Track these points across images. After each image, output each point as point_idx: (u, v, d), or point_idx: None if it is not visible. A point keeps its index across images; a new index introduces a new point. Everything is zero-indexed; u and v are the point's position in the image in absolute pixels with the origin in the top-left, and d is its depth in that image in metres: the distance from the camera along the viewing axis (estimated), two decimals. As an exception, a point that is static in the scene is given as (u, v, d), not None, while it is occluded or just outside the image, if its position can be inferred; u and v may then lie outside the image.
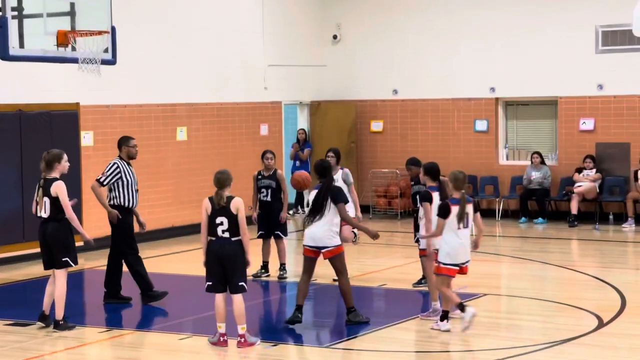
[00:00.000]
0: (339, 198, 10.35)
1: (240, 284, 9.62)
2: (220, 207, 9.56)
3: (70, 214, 10.28)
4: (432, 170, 10.71)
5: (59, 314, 10.36)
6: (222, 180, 9.65)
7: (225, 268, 9.56)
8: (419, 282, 12.50)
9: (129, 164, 11.87)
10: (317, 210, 10.39)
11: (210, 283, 9.62)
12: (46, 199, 10.28)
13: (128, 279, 11.81)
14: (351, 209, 12.21)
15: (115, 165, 11.73)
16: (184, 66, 17.67)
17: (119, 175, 11.64)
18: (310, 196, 10.65)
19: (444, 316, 10.23)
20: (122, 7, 14.74)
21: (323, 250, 10.49)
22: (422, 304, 11.83)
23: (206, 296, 11.77)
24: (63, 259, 10.34)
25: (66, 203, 10.26)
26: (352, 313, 10.52)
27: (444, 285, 10.21)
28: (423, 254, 11.03)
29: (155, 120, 17.17)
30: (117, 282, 11.80)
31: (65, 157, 10.54)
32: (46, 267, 10.52)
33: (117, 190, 11.71)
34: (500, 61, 19.50)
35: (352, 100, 20.81)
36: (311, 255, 10.59)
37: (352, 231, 12.50)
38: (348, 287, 10.53)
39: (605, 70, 18.70)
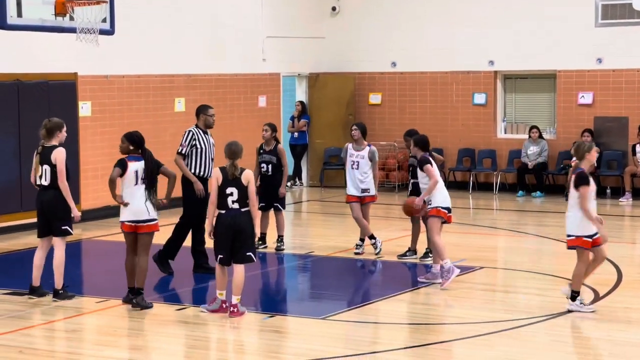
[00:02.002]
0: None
1: (248, 254, 9.66)
2: (232, 178, 9.57)
3: (63, 182, 10.24)
4: (422, 142, 11.40)
5: (58, 282, 10.38)
6: (236, 151, 9.67)
7: (234, 239, 9.59)
8: (404, 255, 12.61)
9: (205, 132, 11.81)
10: None
11: (222, 256, 9.66)
12: (46, 167, 10.26)
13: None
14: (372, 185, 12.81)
15: (191, 134, 11.65)
16: (182, 37, 17.61)
17: (195, 143, 11.58)
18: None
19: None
20: (121, -23, 14.67)
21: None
22: (419, 276, 11.88)
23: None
24: (62, 227, 10.33)
25: (62, 171, 10.24)
26: None
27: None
28: (435, 213, 11.15)
29: (153, 91, 17.14)
30: (174, 250, 11.75)
31: (64, 127, 10.52)
32: (41, 235, 10.46)
33: (191, 158, 11.65)
34: (499, 34, 19.44)
35: (351, 72, 20.77)
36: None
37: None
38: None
39: (604, 44, 18.66)
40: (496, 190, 19.37)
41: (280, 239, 13.33)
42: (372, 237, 12.95)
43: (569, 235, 9.91)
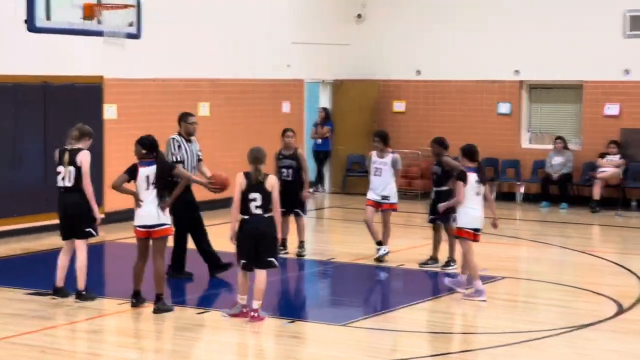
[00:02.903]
0: None
1: (270, 259, 9.68)
2: (256, 183, 9.59)
3: (88, 184, 10.30)
4: (470, 151, 10.92)
5: (81, 284, 10.43)
6: (259, 157, 9.68)
7: (257, 245, 9.60)
8: (425, 263, 12.59)
9: (188, 140, 11.85)
10: None
11: (245, 261, 9.68)
12: (72, 169, 10.31)
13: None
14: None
15: (176, 141, 11.68)
16: (207, 42, 17.67)
17: (179, 147, 11.59)
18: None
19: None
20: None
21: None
22: (441, 285, 11.85)
23: (227, 271, 11.84)
24: (86, 229, 10.38)
25: (88, 173, 10.30)
26: None
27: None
28: (458, 233, 10.99)
29: (177, 95, 17.20)
30: (181, 260, 11.77)
31: (93, 137, 10.64)
32: (65, 237, 10.52)
33: None
34: (525, 44, 19.38)
35: (375, 79, 20.76)
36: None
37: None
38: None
39: (632, 55, 18.55)
40: (519, 200, 19.29)
41: (301, 244, 13.33)
42: (379, 243, 12.94)
43: None
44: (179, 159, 11.56)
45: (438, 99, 20.27)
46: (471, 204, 10.78)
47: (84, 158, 10.31)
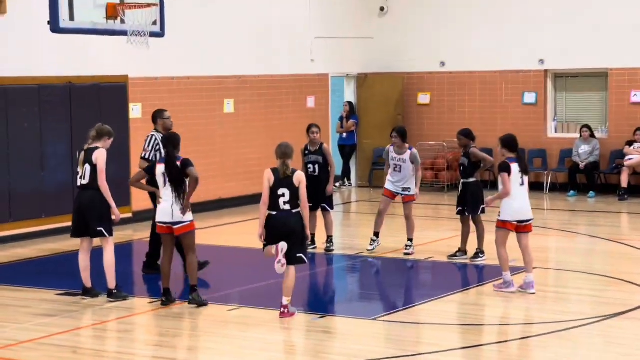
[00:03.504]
0: None
1: (299, 255, 9.68)
2: (283, 179, 9.59)
3: (103, 182, 10.33)
4: (509, 142, 10.81)
5: (111, 283, 10.47)
6: (287, 152, 9.68)
7: (286, 241, 9.60)
8: (454, 255, 12.55)
9: None
10: None
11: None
12: (87, 167, 10.34)
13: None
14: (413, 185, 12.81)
15: (154, 138, 11.62)
16: (231, 38, 17.69)
17: (158, 148, 11.55)
18: None
19: None
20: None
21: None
22: (471, 277, 11.81)
23: (254, 267, 11.87)
24: (97, 229, 10.38)
25: (103, 171, 10.32)
26: None
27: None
28: (501, 226, 10.78)
29: (202, 92, 17.24)
30: (155, 255, 11.83)
31: (113, 137, 10.63)
32: (75, 235, 10.52)
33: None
34: (549, 33, 19.26)
35: (399, 72, 20.70)
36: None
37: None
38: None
39: (657, 42, 18.42)
40: (547, 190, 19.18)
41: (329, 239, 13.32)
42: (376, 234, 12.93)
43: None
44: (145, 157, 11.50)
45: (463, 90, 20.19)
46: (515, 195, 10.65)
47: (100, 156, 10.34)
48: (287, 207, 9.61)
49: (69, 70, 14.97)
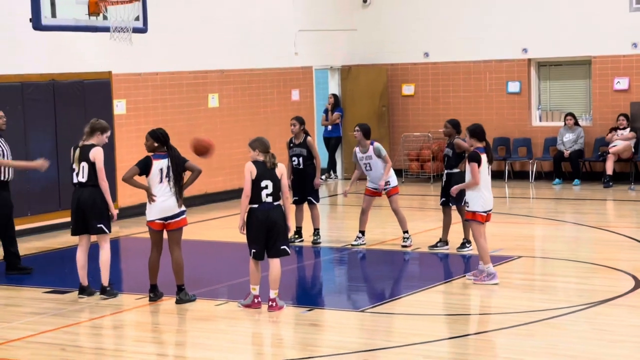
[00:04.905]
0: None
1: (282, 247, 9.70)
2: (267, 171, 9.60)
3: (104, 181, 10.34)
4: (477, 131, 10.80)
5: (105, 279, 10.47)
6: (268, 144, 9.74)
7: (268, 233, 9.62)
8: (435, 245, 12.60)
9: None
10: None
11: (255, 250, 9.70)
12: (84, 164, 10.33)
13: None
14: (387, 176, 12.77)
15: None
16: (214, 33, 17.66)
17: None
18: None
19: None
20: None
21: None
22: (457, 267, 11.85)
23: (240, 262, 11.88)
24: (98, 225, 10.40)
25: (102, 169, 10.32)
26: None
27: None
28: (471, 217, 10.81)
29: (186, 87, 17.22)
30: (15, 255, 11.84)
31: (108, 132, 10.59)
32: (75, 233, 10.51)
33: None
34: (532, 21, 19.31)
35: (383, 64, 20.72)
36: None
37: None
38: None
39: (639, 29, 18.47)
40: (532, 179, 19.25)
41: (316, 232, 13.34)
42: (361, 232, 13.01)
43: None
44: None
45: (447, 80, 20.22)
46: (485, 186, 10.69)
47: (97, 154, 10.34)
48: (270, 199, 9.63)
49: (52, 67, 14.92)
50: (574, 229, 14.38)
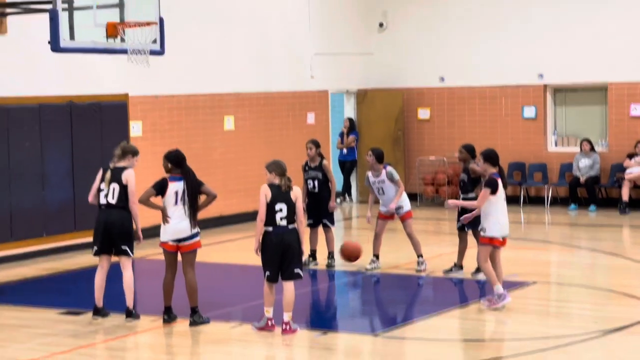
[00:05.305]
0: None
1: (296, 271, 9.69)
2: (281, 194, 9.61)
3: (134, 203, 10.35)
4: (491, 156, 10.81)
5: (130, 302, 10.44)
6: (284, 167, 9.75)
7: (283, 256, 9.62)
8: (450, 270, 12.57)
9: None
10: None
11: (269, 273, 9.70)
12: (115, 186, 10.34)
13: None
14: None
15: None
16: (230, 56, 17.74)
17: None
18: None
19: None
20: (170, -2, 14.84)
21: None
22: (472, 292, 11.80)
23: (255, 284, 11.85)
24: (124, 247, 10.42)
25: (134, 192, 10.36)
26: None
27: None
28: (488, 242, 10.76)
29: (202, 109, 17.27)
30: None
31: (138, 155, 10.63)
32: (100, 253, 10.47)
33: None
34: (548, 47, 19.31)
35: (399, 88, 20.74)
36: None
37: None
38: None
39: (656, 55, 18.47)
40: (548, 204, 19.19)
41: (330, 255, 13.33)
42: (376, 256, 12.97)
43: None
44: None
45: (462, 105, 20.22)
46: (502, 211, 10.68)
47: (130, 177, 10.38)
48: (284, 222, 9.63)
49: (70, 89, 15.01)
50: (589, 255, 14.31)
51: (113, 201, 10.37)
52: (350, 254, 12.30)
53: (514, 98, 19.75)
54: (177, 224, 10.08)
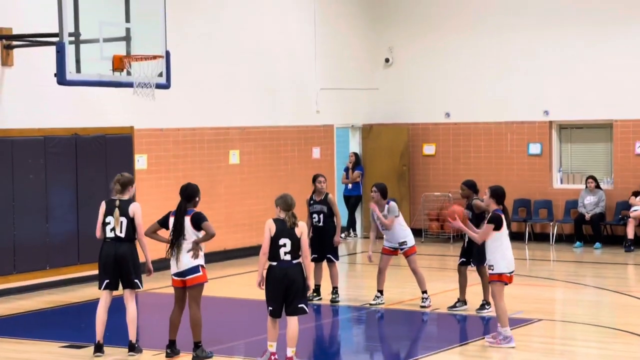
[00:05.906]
0: None
1: (300, 305, 9.63)
2: (286, 229, 9.58)
3: (143, 236, 10.34)
4: (498, 193, 10.76)
5: (133, 335, 10.37)
6: (292, 203, 9.72)
7: (287, 291, 9.57)
8: (454, 306, 12.51)
9: None
10: None
11: (272, 308, 9.64)
12: (123, 219, 10.33)
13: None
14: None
15: None
16: (236, 90, 17.79)
17: None
18: None
19: None
20: (175, 32, 14.91)
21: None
22: (476, 329, 11.73)
23: (258, 319, 11.80)
24: (134, 280, 10.38)
25: (142, 225, 10.35)
26: None
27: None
28: (497, 279, 10.70)
29: (208, 143, 17.29)
30: None
31: (134, 183, 10.67)
32: (107, 287, 10.39)
33: None
34: (554, 84, 19.34)
35: (404, 123, 20.77)
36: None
37: None
38: None
39: (661, 93, 18.49)
40: (553, 241, 19.13)
41: (334, 290, 13.27)
42: (380, 291, 12.92)
43: None
44: None
45: (468, 141, 20.23)
46: (507, 247, 10.65)
47: (137, 210, 10.38)
48: (288, 257, 9.59)
49: (75, 121, 15.04)
50: (594, 293, 14.23)
51: (122, 234, 10.35)
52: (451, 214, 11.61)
53: (519, 134, 19.75)
54: (179, 258, 10.06)
